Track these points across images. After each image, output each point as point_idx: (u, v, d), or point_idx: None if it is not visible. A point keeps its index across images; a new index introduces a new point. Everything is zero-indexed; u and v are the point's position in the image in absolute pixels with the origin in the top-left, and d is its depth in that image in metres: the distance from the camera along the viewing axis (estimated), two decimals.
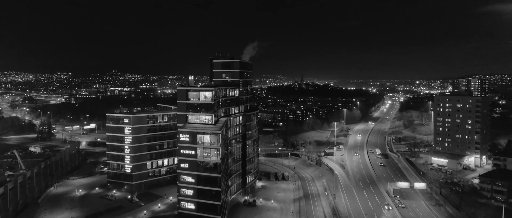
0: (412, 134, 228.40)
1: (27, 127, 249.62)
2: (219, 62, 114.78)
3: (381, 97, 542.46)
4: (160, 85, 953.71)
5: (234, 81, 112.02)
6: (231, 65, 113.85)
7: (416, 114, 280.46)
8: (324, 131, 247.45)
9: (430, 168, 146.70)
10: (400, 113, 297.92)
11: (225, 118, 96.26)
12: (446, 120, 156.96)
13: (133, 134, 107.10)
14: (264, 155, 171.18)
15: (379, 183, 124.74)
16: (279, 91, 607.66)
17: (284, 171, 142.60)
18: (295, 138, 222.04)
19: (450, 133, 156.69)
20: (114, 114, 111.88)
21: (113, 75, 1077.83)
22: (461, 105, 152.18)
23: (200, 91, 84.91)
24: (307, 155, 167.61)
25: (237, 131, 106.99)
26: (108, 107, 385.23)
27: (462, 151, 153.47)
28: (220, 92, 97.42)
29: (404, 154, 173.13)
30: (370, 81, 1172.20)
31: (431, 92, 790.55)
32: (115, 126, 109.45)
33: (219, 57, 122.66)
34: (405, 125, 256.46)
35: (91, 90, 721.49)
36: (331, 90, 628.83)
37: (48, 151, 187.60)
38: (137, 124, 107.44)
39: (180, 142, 74.55)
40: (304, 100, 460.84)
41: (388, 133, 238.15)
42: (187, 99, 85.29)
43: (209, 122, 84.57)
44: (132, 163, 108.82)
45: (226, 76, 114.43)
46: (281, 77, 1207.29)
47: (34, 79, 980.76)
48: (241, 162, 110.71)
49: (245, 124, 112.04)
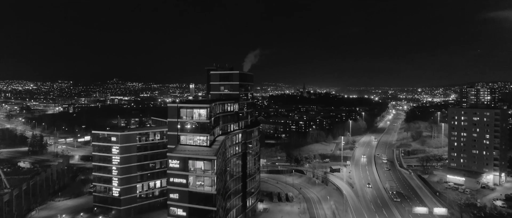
0: (421, 147, 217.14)
1: (19, 140, 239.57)
2: (216, 73, 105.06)
3: (385, 106, 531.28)
4: (160, 94, 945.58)
5: (233, 95, 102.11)
6: (230, 77, 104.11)
7: (424, 125, 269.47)
8: (329, 143, 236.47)
9: (446, 187, 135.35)
10: (407, 124, 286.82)
11: (222, 137, 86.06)
12: (461, 135, 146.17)
13: (121, 153, 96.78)
14: (266, 172, 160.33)
15: (392, 206, 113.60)
16: (281, 100, 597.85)
17: (288, 191, 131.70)
18: (298, 152, 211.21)
19: (466, 148, 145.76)
20: (101, 132, 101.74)
21: (114, 83, 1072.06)
22: (478, 118, 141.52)
23: (193, 108, 74.76)
24: (312, 172, 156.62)
25: (236, 150, 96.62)
26: (106, 117, 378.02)
27: (479, 168, 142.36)
28: (217, 107, 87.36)
29: (415, 170, 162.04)
30: (371, 88, 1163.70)
31: (434, 100, 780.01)
32: (102, 145, 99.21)
33: (217, 68, 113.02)
34: (413, 136, 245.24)
35: (91, 99, 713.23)
36: (334, 99, 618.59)
37: (37, 166, 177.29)
38: (126, 142, 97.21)
39: (170, 168, 64.33)
40: (307, 110, 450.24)
41: (396, 146, 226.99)
42: (178, 117, 75.16)
43: (204, 143, 74.34)
44: (121, 185, 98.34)
45: (225, 89, 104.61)
46: (283, 85, 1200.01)
47: (34, 88, 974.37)
48: (241, 183, 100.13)
49: (245, 142, 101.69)
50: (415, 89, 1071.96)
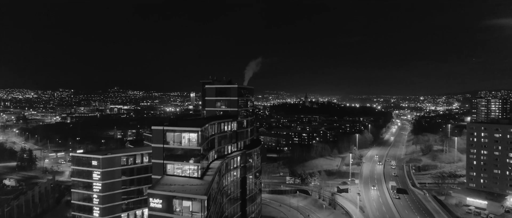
0: (432, 162, 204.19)
1: (8, 154, 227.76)
2: (212, 88, 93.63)
3: (389, 116, 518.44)
4: (161, 102, 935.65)
5: (231, 112, 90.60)
6: (228, 92, 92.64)
7: (434, 138, 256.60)
8: (334, 157, 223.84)
9: (467, 211, 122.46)
10: (415, 137, 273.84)
11: (218, 163, 74.36)
12: (481, 152, 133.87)
13: (103, 179, 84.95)
14: (268, 192, 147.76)
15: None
16: (283, 109, 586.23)
17: (292, 216, 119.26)
18: (302, 167, 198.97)
19: (487, 167, 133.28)
20: (80, 155, 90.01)
21: (115, 91, 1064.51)
22: (500, 135, 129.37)
23: (182, 132, 63.12)
24: (318, 192, 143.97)
25: (234, 176, 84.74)
26: (103, 128, 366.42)
27: (502, 189, 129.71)
28: (212, 128, 75.79)
29: (430, 189, 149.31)
30: (373, 97, 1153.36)
31: (438, 109, 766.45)
32: (81, 170, 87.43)
33: (213, 81, 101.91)
34: (423, 150, 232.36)
35: (90, 108, 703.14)
36: (336, 108, 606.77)
37: (23, 184, 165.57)
38: (109, 167, 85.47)
39: (151, 208, 52.55)
40: (309, 120, 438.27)
41: (406, 161, 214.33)
42: (164, 142, 63.45)
43: (194, 173, 62.54)
44: (103, 216, 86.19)
45: (221, 105, 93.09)
46: (284, 94, 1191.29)
47: (35, 96, 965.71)
48: (240, 212, 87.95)
49: (245, 165, 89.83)
50: (417, 97, 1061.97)
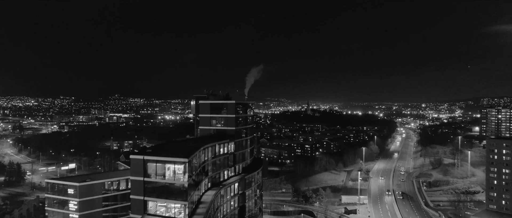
0: (444, 178, 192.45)
1: None
2: (206, 104, 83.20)
3: (393, 125, 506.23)
4: (161, 110, 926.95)
5: (228, 131, 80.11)
6: (224, 108, 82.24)
7: (443, 150, 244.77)
8: (339, 172, 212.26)
9: None
10: (424, 149, 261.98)
11: (212, 194, 63.66)
12: (503, 171, 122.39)
13: (81, 210, 74.06)
14: (270, 213, 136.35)
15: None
16: (284, 118, 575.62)
17: None
18: (305, 183, 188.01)
19: (510, 188, 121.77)
20: (55, 181, 79.24)
21: (116, 99, 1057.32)
22: None
23: (166, 163, 52.52)
24: (324, 215, 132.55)
25: (231, 206, 73.94)
26: (100, 138, 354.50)
27: None
28: (203, 154, 65.20)
29: (445, 210, 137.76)
30: (375, 104, 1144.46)
31: (441, 117, 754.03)
32: (57, 199, 76.69)
33: (208, 95, 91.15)
34: (433, 164, 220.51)
35: (89, 117, 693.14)
36: (338, 116, 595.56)
37: (7, 203, 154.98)
38: (88, 195, 74.66)
39: None
40: (311, 129, 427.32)
41: (415, 175, 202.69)
42: (145, 174, 52.80)
43: (181, 213, 51.72)
44: None
45: (217, 123, 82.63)
46: (285, 101, 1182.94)
47: (35, 104, 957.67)
48: None
49: (243, 192, 79.01)
50: (419, 104, 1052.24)
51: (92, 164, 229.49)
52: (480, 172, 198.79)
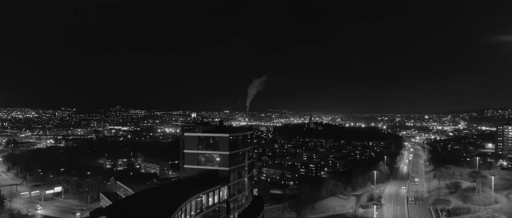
0: (464, 205, 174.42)
1: None
2: (193, 137, 67.87)
3: (400, 141, 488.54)
4: (162, 123, 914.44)
5: (221, 172, 64.57)
6: (216, 143, 66.91)
7: (459, 171, 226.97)
8: (348, 196, 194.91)
9: None
10: (437, 169, 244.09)
11: None
12: None
13: None
14: None
15: None
16: (286, 131, 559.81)
17: None
18: (311, 210, 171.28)
19: None
20: None
21: (117, 110, 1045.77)
22: None
23: None
24: None
25: None
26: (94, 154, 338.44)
27: None
28: (188, 207, 49.45)
29: None
30: (377, 115, 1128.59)
31: (445, 129, 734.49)
32: None
33: (197, 124, 76.28)
34: (449, 187, 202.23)
35: (87, 130, 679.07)
36: (342, 130, 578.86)
37: None
38: None
39: None
40: (315, 145, 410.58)
41: (431, 202, 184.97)
42: None
43: None
44: None
45: (206, 162, 67.07)
46: (287, 112, 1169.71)
47: (36, 116, 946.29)
48: None
49: None
50: (422, 116, 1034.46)
51: (81, 186, 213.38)
52: (503, 198, 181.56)
